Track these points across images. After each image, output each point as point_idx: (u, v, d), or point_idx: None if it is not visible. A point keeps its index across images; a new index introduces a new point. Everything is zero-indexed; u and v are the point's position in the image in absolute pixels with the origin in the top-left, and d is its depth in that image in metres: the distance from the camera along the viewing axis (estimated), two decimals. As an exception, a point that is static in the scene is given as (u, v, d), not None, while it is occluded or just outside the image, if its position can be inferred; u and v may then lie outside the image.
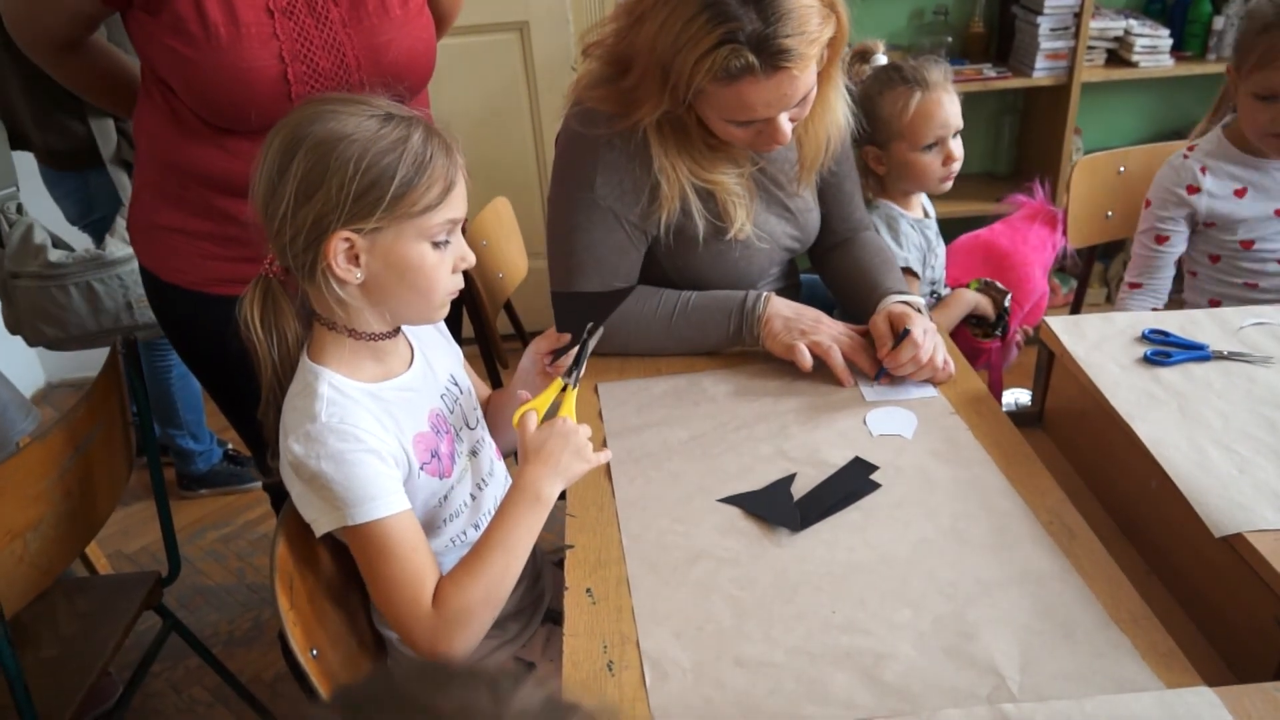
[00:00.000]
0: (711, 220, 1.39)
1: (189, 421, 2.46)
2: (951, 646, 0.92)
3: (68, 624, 1.52)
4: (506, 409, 1.26)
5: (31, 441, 1.78)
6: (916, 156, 1.62)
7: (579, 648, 0.96)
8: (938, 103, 1.58)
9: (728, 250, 1.43)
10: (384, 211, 0.96)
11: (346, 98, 1.00)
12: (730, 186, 1.38)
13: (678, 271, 1.46)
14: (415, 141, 0.97)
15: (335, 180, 0.95)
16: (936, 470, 1.17)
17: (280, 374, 1.06)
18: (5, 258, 1.96)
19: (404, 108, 1.01)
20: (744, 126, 1.28)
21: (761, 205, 1.46)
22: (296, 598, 1.04)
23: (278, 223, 0.98)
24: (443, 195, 0.99)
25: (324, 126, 0.96)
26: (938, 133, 1.59)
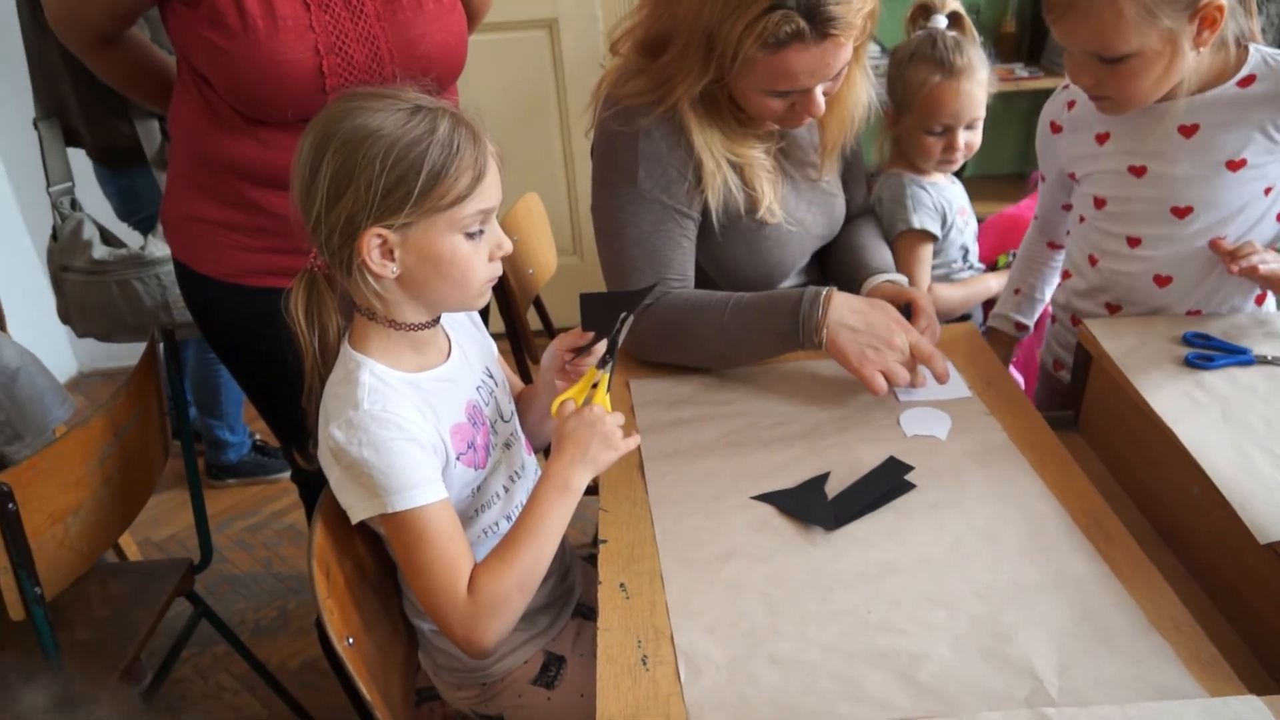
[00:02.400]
0: (745, 198, 1.38)
1: (229, 413, 2.50)
2: (988, 648, 0.92)
3: (101, 608, 1.54)
4: (535, 405, 1.26)
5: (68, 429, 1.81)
6: (920, 135, 1.61)
7: (613, 642, 0.97)
8: (953, 91, 1.55)
9: (759, 238, 1.43)
10: (412, 207, 0.96)
11: (377, 92, 1.00)
12: (759, 161, 1.38)
13: (711, 262, 1.45)
14: (442, 133, 0.97)
15: (363, 178, 0.95)
16: (971, 471, 1.16)
17: (322, 364, 1.06)
18: (57, 250, 1.99)
19: (433, 99, 1.01)
20: (780, 98, 1.28)
21: (789, 190, 1.45)
22: (333, 586, 1.05)
23: (314, 220, 0.99)
24: (473, 185, 0.99)
25: (351, 124, 0.96)
26: (944, 120, 1.58)
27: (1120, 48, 1.18)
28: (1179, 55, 1.19)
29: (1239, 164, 1.26)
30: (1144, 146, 1.32)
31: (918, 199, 1.63)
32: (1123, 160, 1.35)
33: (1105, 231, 1.40)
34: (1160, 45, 1.18)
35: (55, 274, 2.02)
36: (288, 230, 1.33)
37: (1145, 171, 1.32)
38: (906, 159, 1.67)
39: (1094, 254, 1.42)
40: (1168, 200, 1.32)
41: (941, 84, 1.55)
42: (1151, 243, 1.35)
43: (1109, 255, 1.40)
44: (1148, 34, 1.16)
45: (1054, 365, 1.56)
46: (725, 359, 1.39)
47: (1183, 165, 1.29)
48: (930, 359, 1.28)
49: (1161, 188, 1.32)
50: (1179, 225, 1.32)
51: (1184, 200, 1.30)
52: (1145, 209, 1.34)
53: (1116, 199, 1.37)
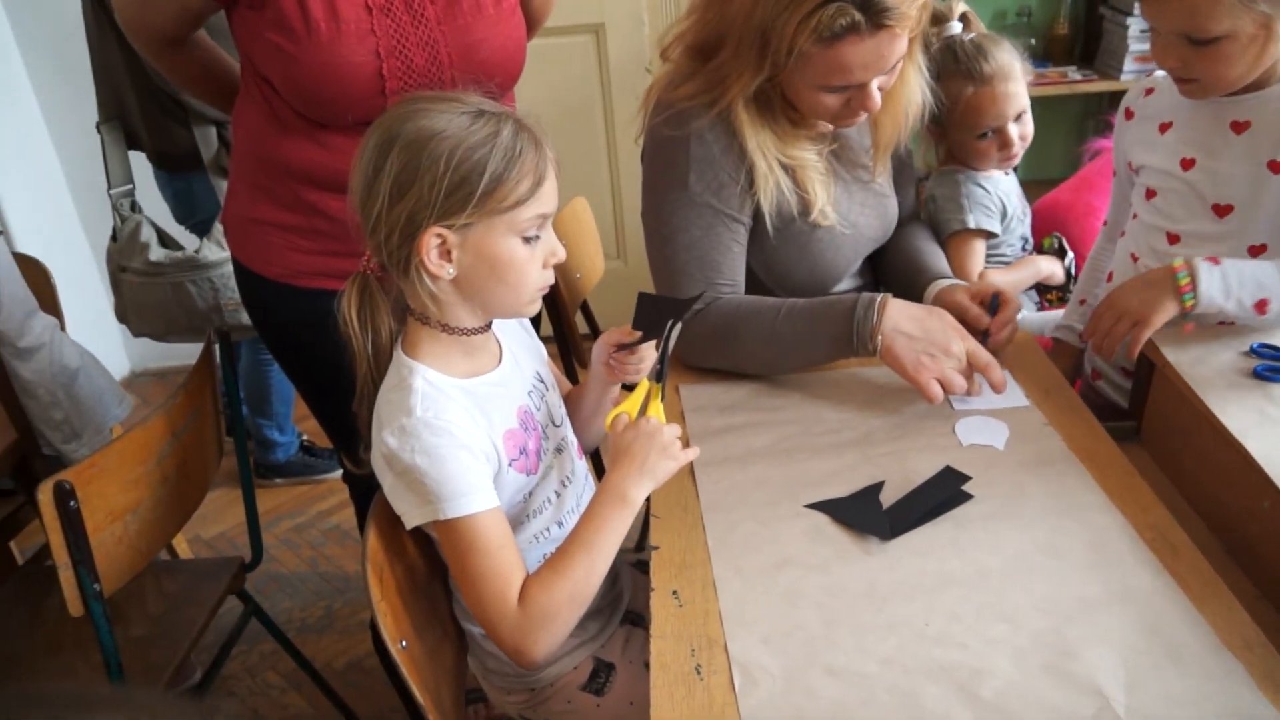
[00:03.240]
0: (798, 200, 1.37)
1: (279, 414, 2.54)
2: (1051, 664, 0.90)
3: (156, 604, 1.56)
4: (584, 402, 1.26)
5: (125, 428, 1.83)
6: (972, 142, 1.60)
7: (666, 650, 0.96)
8: (990, 97, 1.54)
9: (811, 241, 1.41)
10: (474, 207, 0.97)
11: (439, 95, 1.01)
12: (811, 162, 1.37)
13: (764, 266, 1.44)
14: (505, 137, 0.98)
15: (427, 178, 0.96)
16: (1030, 482, 1.14)
17: (375, 368, 1.07)
18: (116, 251, 2.03)
19: (495, 104, 1.02)
20: (835, 93, 1.27)
21: (841, 192, 1.44)
22: (386, 589, 1.05)
23: (373, 220, 0.99)
24: (532, 189, 0.99)
25: (416, 125, 0.97)
26: (990, 124, 1.57)
27: (1213, 29, 1.16)
28: (1272, 41, 1.17)
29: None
30: (1198, 138, 1.30)
31: (974, 197, 1.62)
32: (1177, 151, 1.33)
33: (1150, 226, 1.38)
34: (1254, 29, 1.15)
35: (113, 274, 2.06)
36: (343, 233, 1.34)
37: (1194, 164, 1.30)
38: (960, 159, 1.66)
39: (1135, 251, 1.40)
40: (1209, 196, 1.29)
41: (976, 93, 1.55)
42: (1189, 241, 1.33)
43: (1149, 253, 1.38)
44: (1241, 17, 1.14)
45: (1092, 374, 1.54)
46: (776, 365, 1.38)
47: (1227, 161, 1.27)
48: (987, 368, 1.26)
49: (1205, 183, 1.30)
50: (1218, 224, 1.29)
51: (1225, 198, 1.28)
52: (1188, 204, 1.32)
53: (1164, 191, 1.35)
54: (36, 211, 2.88)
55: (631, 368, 1.16)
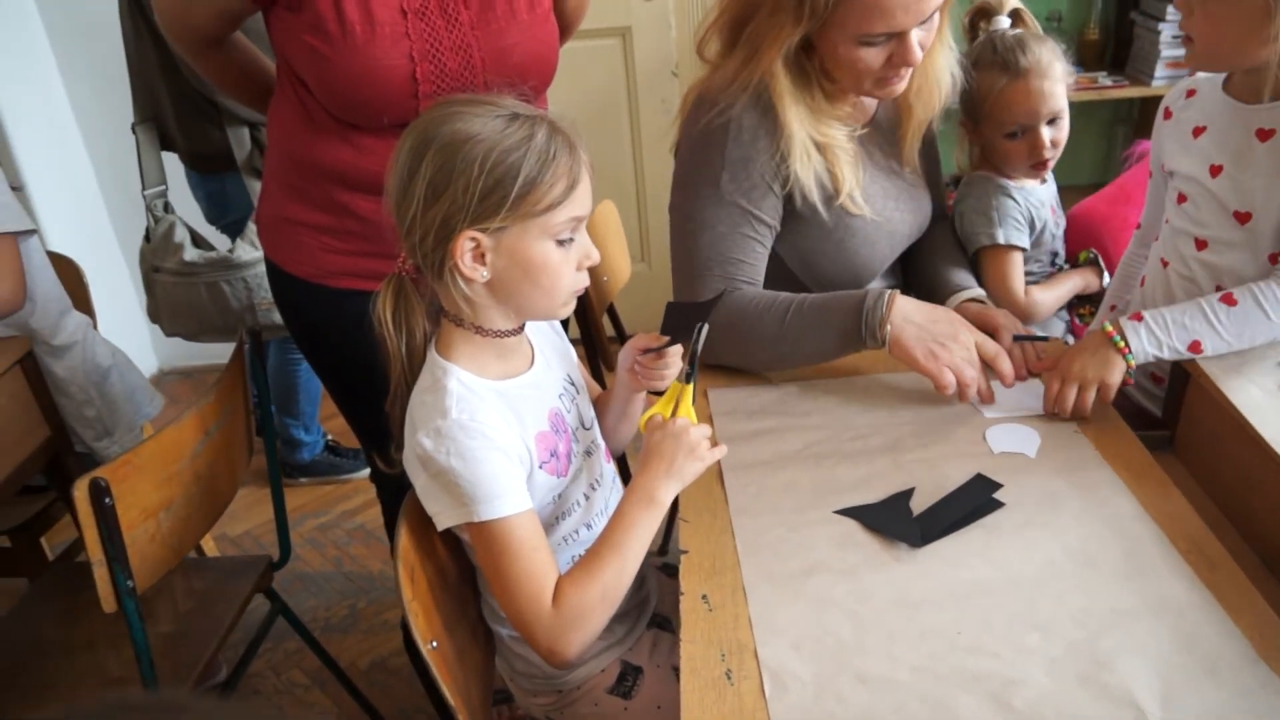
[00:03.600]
0: (828, 181, 1.37)
1: (305, 413, 2.56)
2: (1086, 675, 0.89)
3: (185, 602, 1.58)
4: (611, 407, 1.26)
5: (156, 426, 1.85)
6: (1001, 142, 1.55)
7: (696, 654, 0.96)
8: (1023, 91, 1.48)
9: (846, 234, 1.42)
10: (508, 211, 0.97)
11: (475, 99, 1.01)
12: (840, 143, 1.37)
13: (799, 260, 1.44)
14: (539, 140, 0.98)
15: (461, 181, 0.96)
16: (1062, 491, 1.13)
17: (408, 369, 1.08)
18: (150, 252, 2.05)
19: (530, 107, 1.02)
20: (876, 47, 1.26)
21: (871, 182, 1.43)
22: (417, 589, 1.05)
23: (408, 223, 1.00)
24: (566, 193, 1.00)
25: (451, 128, 0.97)
26: (1021, 121, 1.51)
27: None
28: (1269, 23, 1.15)
29: None
30: (1228, 145, 1.30)
31: (1004, 209, 1.57)
32: (1207, 156, 1.32)
33: (1180, 231, 1.37)
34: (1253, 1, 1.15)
35: (147, 274, 2.08)
36: (375, 234, 1.36)
37: (1221, 171, 1.30)
38: (992, 164, 1.62)
39: (1165, 256, 1.39)
40: (1230, 203, 1.29)
41: (1009, 85, 1.49)
42: (1215, 247, 1.32)
43: (1178, 259, 1.38)
44: None
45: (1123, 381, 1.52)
46: (786, 359, 1.38)
47: (1251, 169, 1.27)
48: (995, 358, 1.27)
49: (1229, 190, 1.29)
50: (1238, 231, 1.29)
51: (1245, 205, 1.28)
52: (1213, 210, 1.32)
53: (1194, 196, 1.35)
54: (68, 211, 2.92)
55: (656, 373, 1.16)
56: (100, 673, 1.46)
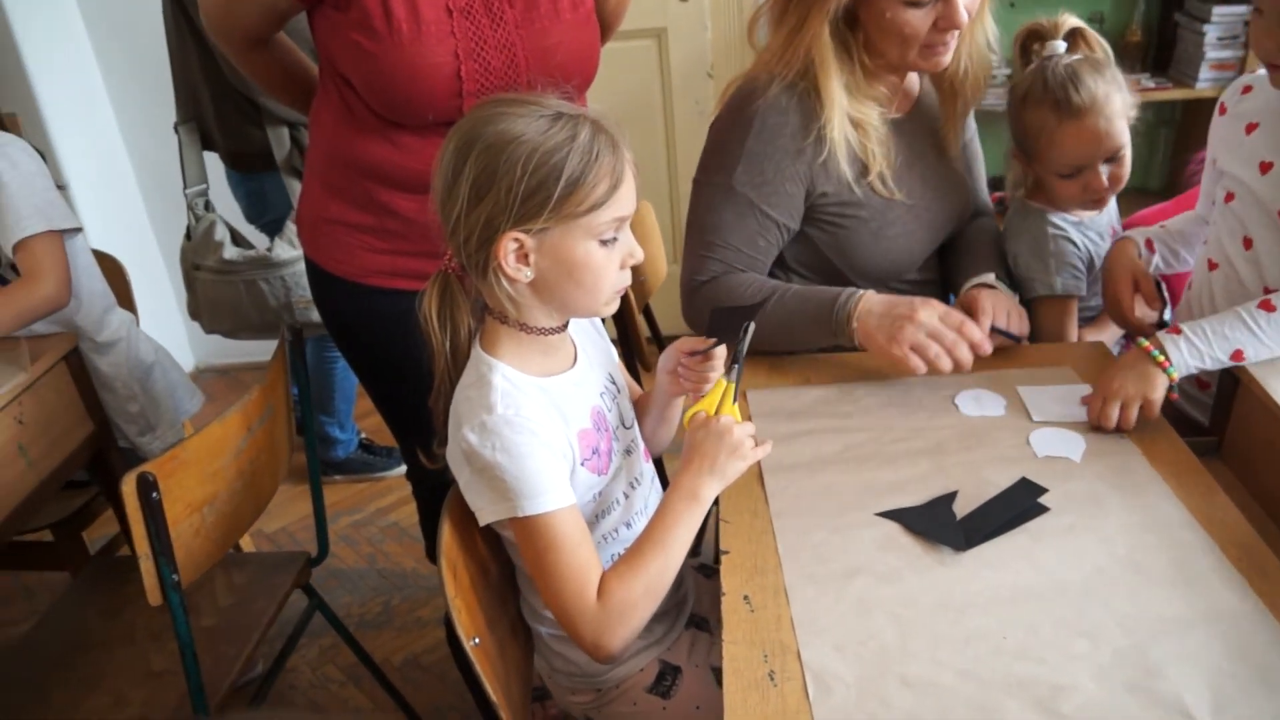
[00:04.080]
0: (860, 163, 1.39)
1: (340, 411, 2.58)
2: (1134, 682, 0.88)
3: (225, 596, 1.59)
4: (651, 410, 1.26)
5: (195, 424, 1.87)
6: (1053, 179, 1.45)
7: (739, 655, 0.96)
8: (1075, 133, 1.37)
9: (884, 224, 1.43)
10: (551, 212, 0.97)
11: (518, 98, 1.01)
12: (873, 121, 1.38)
13: (837, 249, 1.45)
14: (582, 140, 0.98)
15: (504, 182, 0.96)
16: (1108, 496, 1.12)
17: (453, 365, 1.08)
18: (190, 250, 2.08)
19: (573, 106, 1.02)
20: (923, 7, 1.28)
21: (907, 166, 1.44)
22: (460, 585, 1.06)
23: (453, 223, 1.00)
24: (609, 193, 0.99)
25: (495, 129, 0.97)
26: (1075, 164, 1.40)
27: None
28: None
29: None
30: (1278, 143, 1.27)
31: (1062, 255, 1.46)
32: (1258, 154, 1.30)
33: (1228, 229, 1.35)
34: None
35: (187, 272, 2.11)
36: (414, 233, 1.37)
37: (1270, 169, 1.27)
38: (1045, 192, 1.51)
39: (1213, 258, 1.37)
40: (1272, 202, 1.26)
41: (1060, 127, 1.38)
42: (1260, 248, 1.30)
43: (1224, 260, 1.35)
44: None
45: None
46: (770, 341, 1.39)
47: None
48: (960, 325, 1.28)
49: (1272, 189, 1.26)
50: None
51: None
52: (1259, 209, 1.29)
53: (1242, 194, 1.32)
54: (109, 210, 2.96)
55: (701, 375, 1.16)
56: (143, 666, 1.48)
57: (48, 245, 1.69)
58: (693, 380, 1.17)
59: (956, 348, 1.27)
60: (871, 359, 1.40)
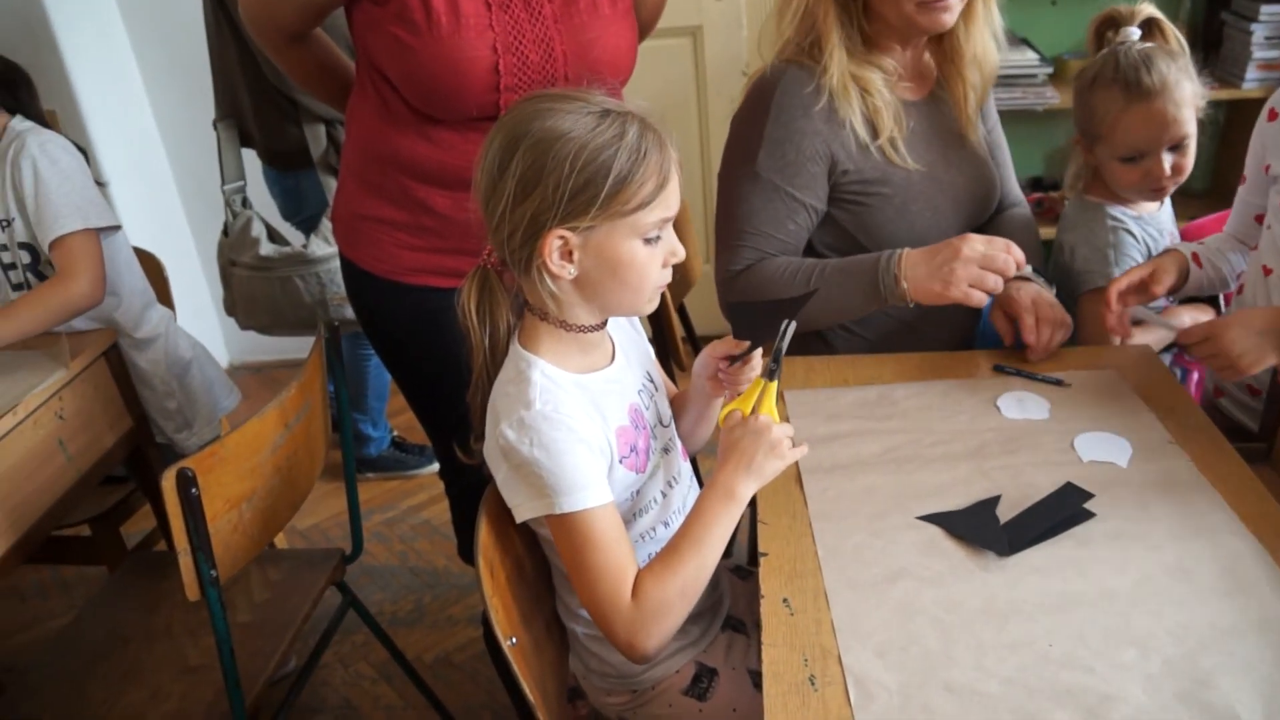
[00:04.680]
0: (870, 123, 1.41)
1: (373, 408, 2.59)
2: (1185, 692, 0.86)
3: (261, 592, 1.60)
4: (687, 411, 1.25)
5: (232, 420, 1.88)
6: (1115, 165, 1.44)
7: (779, 658, 0.94)
8: (1143, 116, 1.38)
9: (909, 199, 1.44)
10: (598, 210, 0.96)
11: (565, 94, 1.01)
12: (878, 87, 1.40)
13: (866, 234, 1.46)
14: (630, 138, 0.97)
15: (551, 179, 0.95)
16: (1156, 502, 1.10)
17: (491, 361, 1.08)
18: (227, 246, 2.10)
19: (620, 103, 1.01)
20: None
21: (930, 147, 1.46)
22: (496, 584, 1.06)
23: (497, 219, 1.00)
24: (656, 192, 0.99)
25: (542, 125, 0.97)
26: (1138, 147, 1.40)
27: None
28: None
29: None
30: None
31: (1122, 247, 1.45)
32: None
33: None
34: None
35: (224, 268, 2.13)
36: (449, 230, 1.37)
37: None
38: (1105, 186, 1.51)
39: (1268, 264, 1.33)
40: None
41: (1129, 108, 1.38)
42: None
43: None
44: None
45: (1215, 392, 1.47)
46: (813, 319, 1.42)
47: None
48: (1006, 246, 1.29)
49: None
50: None
51: None
52: None
53: None
54: (146, 207, 2.99)
55: (742, 379, 1.15)
56: (180, 660, 1.49)
57: (84, 243, 1.71)
58: (733, 383, 1.16)
59: (1008, 265, 1.28)
60: (909, 360, 1.38)
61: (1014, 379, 1.35)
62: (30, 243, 1.73)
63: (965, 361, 1.40)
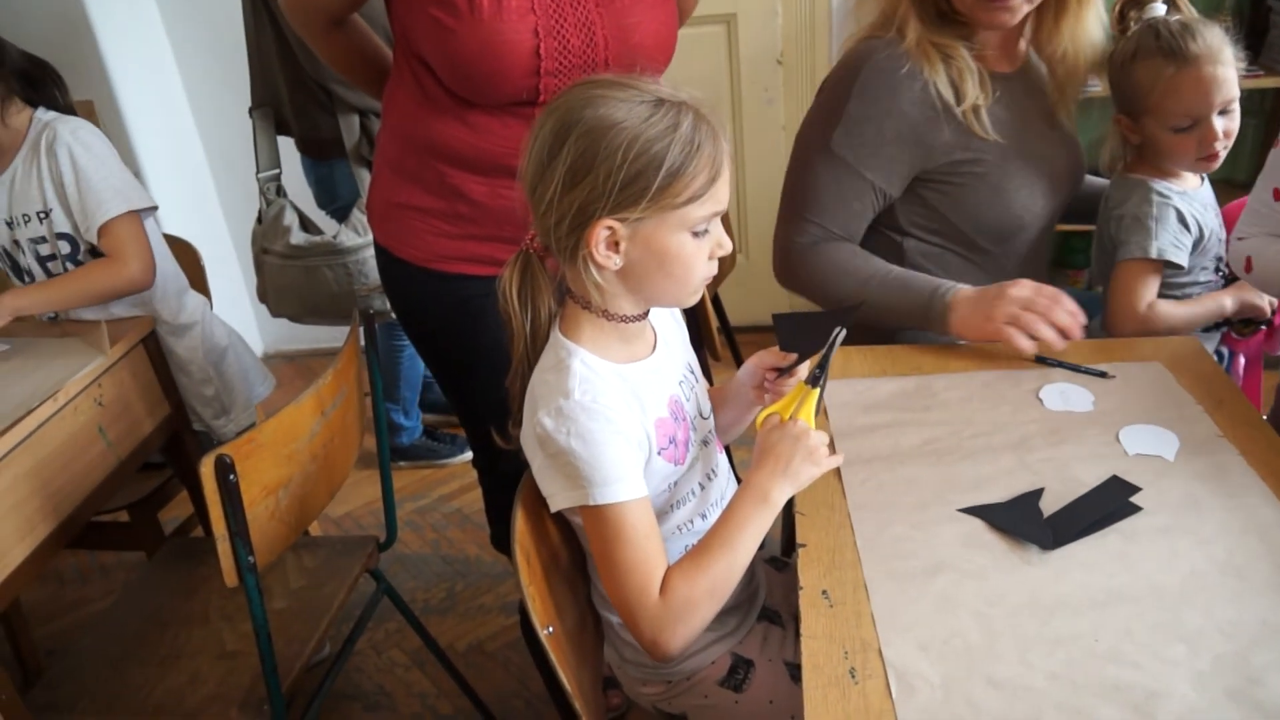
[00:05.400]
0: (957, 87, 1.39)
1: (406, 398, 2.60)
2: (1236, 690, 0.84)
3: (297, 579, 1.61)
4: (724, 411, 1.25)
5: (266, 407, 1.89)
6: (1167, 136, 1.43)
7: (818, 650, 0.93)
8: (1194, 80, 1.38)
9: (1003, 178, 1.43)
10: (648, 203, 0.95)
11: (618, 81, 0.99)
12: (961, 54, 1.40)
13: (960, 212, 1.46)
14: (684, 131, 0.95)
15: (603, 169, 0.94)
16: (1205, 497, 1.07)
17: (531, 346, 1.07)
18: (260, 234, 2.11)
19: (673, 91, 0.99)
20: None
21: (1028, 125, 1.46)
22: (533, 573, 1.05)
23: (544, 205, 0.98)
24: (707, 185, 0.97)
25: (595, 112, 0.95)
26: (1192, 113, 1.40)
27: None
28: None
29: None
30: None
31: (1166, 220, 1.44)
32: None
33: None
34: None
35: (257, 256, 2.14)
36: (485, 217, 1.37)
37: None
38: (1152, 163, 1.49)
39: None
40: None
41: (1178, 75, 1.38)
42: None
43: None
44: None
45: None
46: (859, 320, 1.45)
47: None
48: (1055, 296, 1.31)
49: None
50: None
51: None
52: None
53: None
54: (181, 196, 3.02)
55: (787, 390, 1.14)
56: (217, 645, 1.50)
57: (130, 226, 1.73)
58: (776, 395, 1.15)
59: (1052, 312, 1.29)
60: (949, 350, 1.37)
61: (1056, 370, 1.33)
62: (69, 233, 1.75)
63: (1006, 352, 1.38)
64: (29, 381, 1.58)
